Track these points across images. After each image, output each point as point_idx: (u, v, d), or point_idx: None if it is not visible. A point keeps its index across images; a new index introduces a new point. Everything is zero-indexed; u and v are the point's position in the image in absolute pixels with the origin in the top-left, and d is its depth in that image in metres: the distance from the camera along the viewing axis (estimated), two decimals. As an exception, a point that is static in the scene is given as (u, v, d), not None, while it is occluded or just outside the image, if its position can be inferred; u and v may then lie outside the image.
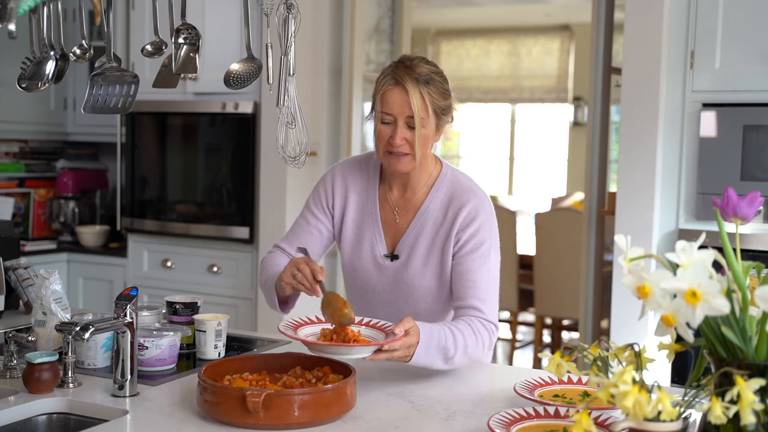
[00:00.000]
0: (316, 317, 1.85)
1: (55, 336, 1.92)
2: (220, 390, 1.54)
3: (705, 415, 1.19)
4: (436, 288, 2.02)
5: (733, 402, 1.12)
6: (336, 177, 2.13)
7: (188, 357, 2.05)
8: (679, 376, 2.91)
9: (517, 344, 5.93)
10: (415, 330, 1.74)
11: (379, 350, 1.69)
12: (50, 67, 1.92)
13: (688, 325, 1.15)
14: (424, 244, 2.02)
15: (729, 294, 1.15)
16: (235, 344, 2.18)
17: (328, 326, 1.80)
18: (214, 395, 1.54)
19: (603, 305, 3.94)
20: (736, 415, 1.12)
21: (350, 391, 1.60)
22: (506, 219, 5.43)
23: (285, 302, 2.01)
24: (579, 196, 7.08)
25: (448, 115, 2.00)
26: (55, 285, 1.98)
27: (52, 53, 1.92)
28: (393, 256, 2.05)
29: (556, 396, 1.72)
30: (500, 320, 6.40)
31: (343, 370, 1.70)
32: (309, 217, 2.13)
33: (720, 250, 1.18)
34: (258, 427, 1.51)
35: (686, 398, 1.22)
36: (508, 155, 9.48)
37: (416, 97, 1.90)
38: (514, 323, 5.70)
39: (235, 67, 2.00)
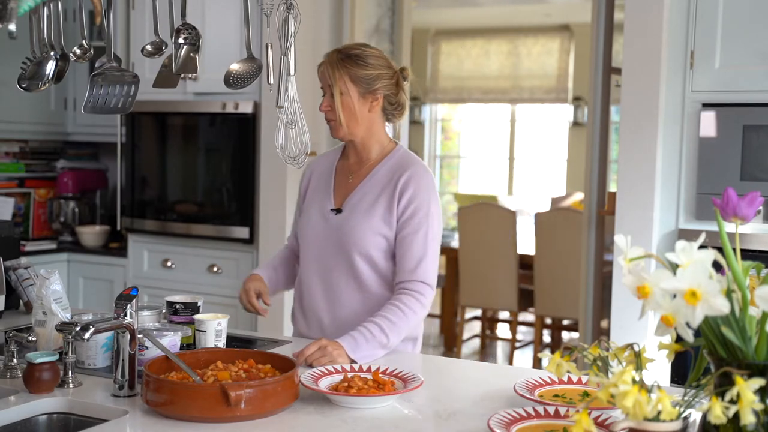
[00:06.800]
0: (334, 368, 1.84)
1: (55, 336, 1.92)
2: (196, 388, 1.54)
3: (705, 415, 1.19)
4: (375, 243, 2.15)
5: (732, 402, 1.12)
6: (307, 165, 2.30)
7: (188, 357, 2.05)
8: (679, 376, 2.91)
9: (517, 344, 5.92)
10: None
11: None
12: (50, 67, 1.92)
13: (688, 325, 1.15)
14: (368, 200, 2.19)
15: (729, 294, 1.15)
16: (236, 344, 2.18)
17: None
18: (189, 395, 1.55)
19: (603, 305, 3.94)
20: (736, 415, 1.12)
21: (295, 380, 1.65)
22: (506, 219, 5.43)
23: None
24: (579, 196, 7.08)
25: (377, 84, 2.14)
26: (55, 285, 1.98)
27: (52, 53, 1.92)
28: (338, 210, 2.21)
29: (556, 396, 1.72)
30: (500, 320, 6.43)
31: (272, 361, 1.76)
32: (300, 207, 2.35)
33: (720, 250, 1.18)
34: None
35: (686, 398, 1.22)
36: (508, 155, 9.47)
37: (332, 66, 2.12)
38: (514, 323, 5.69)
39: (235, 67, 2.00)
